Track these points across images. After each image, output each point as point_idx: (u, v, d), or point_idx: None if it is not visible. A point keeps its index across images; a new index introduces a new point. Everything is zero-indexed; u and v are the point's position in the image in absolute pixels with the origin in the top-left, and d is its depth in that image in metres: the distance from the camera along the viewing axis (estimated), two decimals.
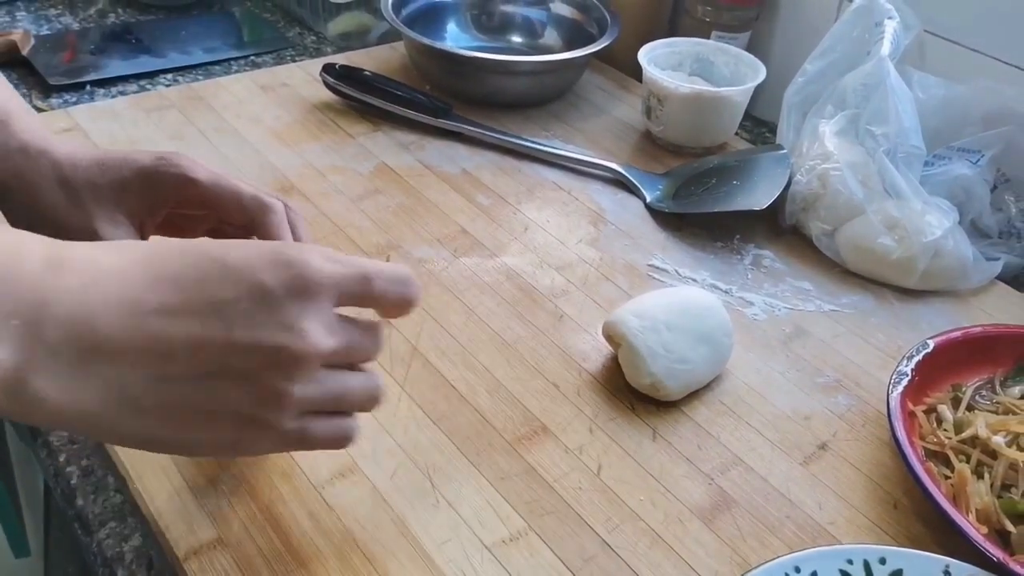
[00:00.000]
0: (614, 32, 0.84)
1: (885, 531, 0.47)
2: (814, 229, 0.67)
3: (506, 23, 0.94)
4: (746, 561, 0.45)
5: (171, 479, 0.45)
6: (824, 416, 0.54)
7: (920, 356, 0.53)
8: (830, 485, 0.49)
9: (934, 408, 0.52)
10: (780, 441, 0.52)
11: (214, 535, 0.43)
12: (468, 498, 0.46)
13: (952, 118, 0.70)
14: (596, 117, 0.83)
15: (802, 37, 0.83)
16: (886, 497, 0.49)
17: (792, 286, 0.64)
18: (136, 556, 0.45)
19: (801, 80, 0.73)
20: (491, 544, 0.44)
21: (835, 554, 0.42)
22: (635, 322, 0.53)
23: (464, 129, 0.77)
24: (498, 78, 0.82)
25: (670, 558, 0.44)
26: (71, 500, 0.47)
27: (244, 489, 0.45)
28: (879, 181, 0.65)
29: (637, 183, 0.73)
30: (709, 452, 0.51)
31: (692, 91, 0.75)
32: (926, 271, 0.63)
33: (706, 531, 0.46)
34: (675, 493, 0.48)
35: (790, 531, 0.47)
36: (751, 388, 0.55)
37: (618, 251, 0.66)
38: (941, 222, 0.63)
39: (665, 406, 0.53)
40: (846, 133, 0.68)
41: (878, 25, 0.70)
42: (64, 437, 0.50)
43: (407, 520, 0.45)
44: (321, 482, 0.46)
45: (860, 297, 0.64)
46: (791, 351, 0.58)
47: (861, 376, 0.57)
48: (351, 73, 0.79)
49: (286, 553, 0.43)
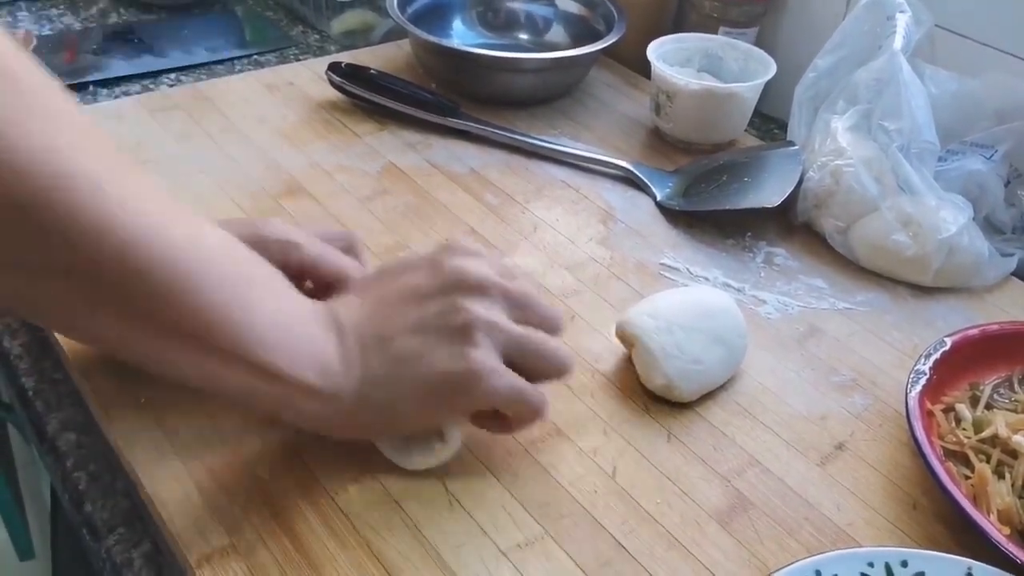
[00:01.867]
0: (621, 28, 0.83)
1: (905, 532, 0.47)
2: (827, 226, 0.66)
3: (512, 20, 0.93)
4: (764, 564, 0.44)
5: (182, 484, 0.45)
6: (841, 416, 0.53)
7: (938, 354, 0.53)
8: (848, 486, 0.49)
9: (952, 407, 0.52)
10: (796, 442, 0.51)
11: (227, 541, 0.42)
12: (483, 502, 0.46)
13: (965, 113, 0.69)
14: (604, 114, 0.83)
15: (812, 32, 0.83)
16: (905, 498, 0.48)
17: (805, 284, 0.64)
18: (145, 562, 0.44)
19: (812, 75, 0.72)
20: (507, 549, 0.43)
21: (856, 557, 0.42)
22: (649, 323, 0.52)
23: (471, 128, 0.77)
24: (505, 76, 0.81)
25: (688, 561, 0.44)
26: (79, 505, 0.47)
27: (256, 495, 0.45)
28: (893, 177, 0.64)
29: (647, 181, 0.73)
30: (725, 453, 0.50)
31: (702, 87, 0.74)
32: (941, 268, 0.62)
33: (723, 534, 0.45)
34: (691, 495, 0.47)
35: (808, 533, 0.46)
36: (766, 388, 0.54)
37: (629, 250, 0.65)
38: (956, 218, 0.62)
39: (679, 407, 0.52)
40: (858, 129, 0.68)
41: (889, 19, 0.69)
42: (71, 441, 0.50)
43: (421, 525, 0.44)
44: (334, 487, 0.45)
45: (874, 295, 0.63)
46: (806, 350, 0.58)
47: (877, 375, 0.56)
48: (357, 72, 0.78)
49: (300, 559, 0.42)
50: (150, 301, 0.35)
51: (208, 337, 0.37)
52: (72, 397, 0.52)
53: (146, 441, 0.47)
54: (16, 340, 0.56)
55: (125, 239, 0.34)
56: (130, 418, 0.48)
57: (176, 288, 0.36)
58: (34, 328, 0.56)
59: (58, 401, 0.52)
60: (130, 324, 0.36)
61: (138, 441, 0.47)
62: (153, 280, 0.35)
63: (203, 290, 0.36)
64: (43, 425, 0.51)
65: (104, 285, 0.35)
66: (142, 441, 0.47)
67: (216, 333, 0.37)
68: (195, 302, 0.36)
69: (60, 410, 0.51)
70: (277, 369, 0.39)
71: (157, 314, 0.36)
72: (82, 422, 0.51)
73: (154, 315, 0.36)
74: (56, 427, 0.50)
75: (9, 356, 0.55)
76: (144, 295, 0.35)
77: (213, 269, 0.37)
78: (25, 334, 0.56)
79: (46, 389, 0.53)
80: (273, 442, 0.47)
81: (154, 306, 0.36)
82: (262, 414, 0.47)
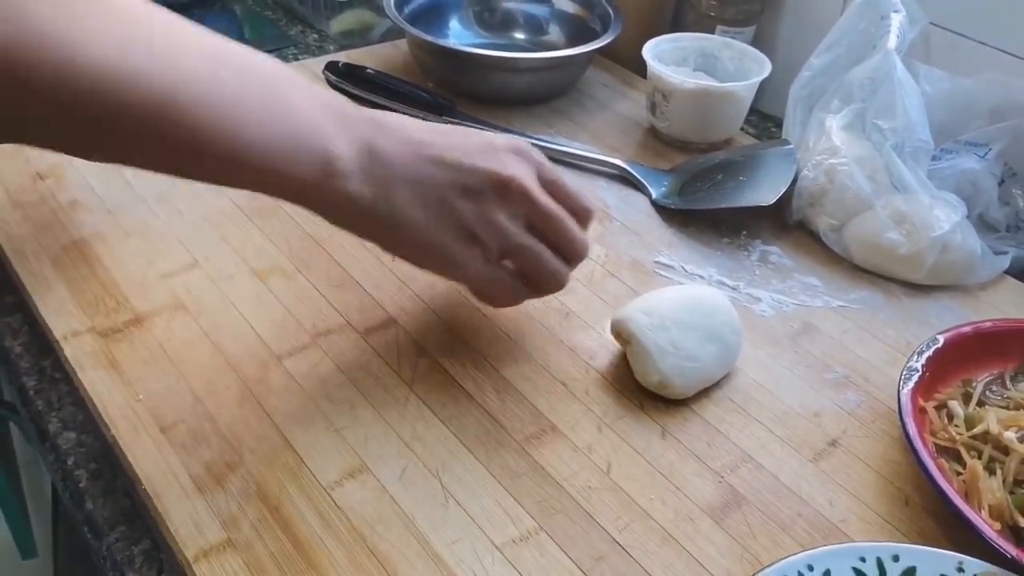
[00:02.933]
0: (617, 28, 0.84)
1: (897, 528, 0.47)
2: (821, 224, 0.67)
3: (509, 20, 0.93)
4: (757, 559, 0.44)
5: (180, 481, 0.45)
6: (834, 412, 0.53)
7: (930, 351, 0.53)
8: (841, 482, 0.49)
9: (945, 404, 0.52)
10: (790, 438, 0.51)
11: (224, 537, 0.43)
12: (478, 498, 0.46)
13: (959, 112, 0.69)
14: (600, 113, 0.83)
15: (807, 31, 0.83)
16: (897, 494, 0.49)
17: (800, 282, 0.64)
18: (146, 559, 0.44)
19: (807, 74, 0.73)
20: (501, 544, 0.44)
21: (848, 552, 0.42)
22: (644, 319, 0.52)
23: (468, 126, 0.77)
24: (501, 75, 0.81)
25: (681, 557, 0.44)
26: (80, 504, 0.47)
27: (253, 490, 0.45)
28: (886, 176, 0.65)
29: (642, 179, 0.73)
30: (719, 450, 0.50)
31: (697, 87, 0.75)
32: (934, 266, 0.63)
33: (717, 529, 0.46)
34: (685, 491, 0.48)
35: (801, 528, 0.46)
36: (760, 385, 0.55)
37: (624, 248, 0.66)
38: (949, 216, 0.63)
39: (674, 404, 0.53)
40: (853, 127, 0.68)
41: (884, 19, 0.69)
42: (72, 440, 0.50)
43: (417, 520, 0.45)
44: (330, 482, 0.46)
45: (868, 292, 0.64)
46: (800, 347, 0.58)
47: (870, 372, 0.56)
48: (354, 71, 0.79)
49: (296, 554, 0.42)
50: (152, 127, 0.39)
51: (204, 151, 0.40)
52: (72, 396, 0.53)
53: (144, 438, 0.47)
54: (16, 339, 0.56)
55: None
56: (129, 416, 0.48)
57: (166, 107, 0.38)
58: (35, 328, 0.57)
59: (58, 400, 0.53)
60: (135, 148, 0.40)
61: (136, 438, 0.47)
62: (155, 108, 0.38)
63: (195, 106, 0.39)
64: (44, 424, 0.51)
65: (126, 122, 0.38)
66: (140, 438, 0.47)
67: (209, 146, 0.40)
68: (186, 120, 0.39)
69: (60, 409, 0.52)
70: (275, 169, 0.42)
71: (159, 140, 0.39)
72: (82, 421, 0.51)
73: (161, 140, 0.39)
74: (57, 426, 0.51)
75: (10, 355, 0.55)
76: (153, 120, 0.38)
77: (212, 87, 0.40)
78: (26, 334, 0.57)
79: (46, 388, 0.53)
80: (270, 439, 0.48)
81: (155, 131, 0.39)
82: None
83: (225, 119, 0.40)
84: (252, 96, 0.41)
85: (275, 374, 0.52)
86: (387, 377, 0.53)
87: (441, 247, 0.48)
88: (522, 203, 0.49)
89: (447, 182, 0.47)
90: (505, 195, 0.48)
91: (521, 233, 0.49)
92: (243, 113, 0.41)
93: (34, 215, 0.63)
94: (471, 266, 0.49)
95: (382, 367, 0.53)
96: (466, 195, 0.47)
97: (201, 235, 0.62)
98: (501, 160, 0.48)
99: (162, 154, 0.41)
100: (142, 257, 0.60)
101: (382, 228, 0.47)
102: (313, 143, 0.43)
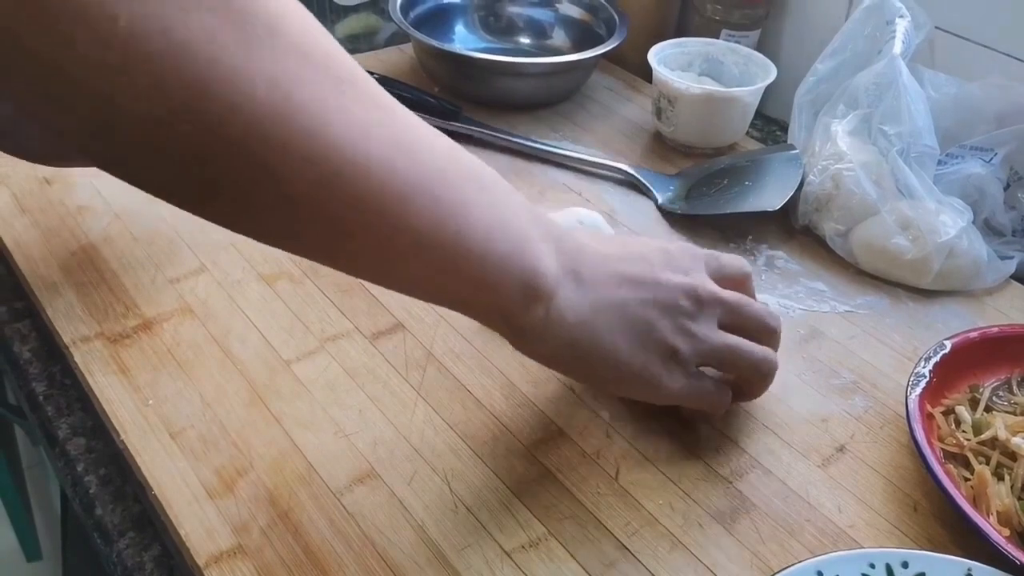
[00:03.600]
0: (623, 33, 0.84)
1: (905, 534, 0.47)
2: (827, 229, 0.67)
3: (514, 24, 0.94)
4: (767, 565, 0.45)
5: (190, 487, 0.45)
6: (841, 418, 0.54)
7: (937, 357, 0.53)
8: (849, 488, 0.49)
9: (952, 410, 0.52)
10: (798, 444, 0.52)
11: (234, 543, 0.43)
12: (487, 503, 0.46)
13: (964, 116, 0.69)
14: (606, 118, 0.83)
15: (812, 36, 0.83)
16: (905, 500, 0.49)
17: (806, 287, 0.64)
18: (156, 565, 0.45)
19: (812, 79, 0.73)
20: (511, 550, 0.44)
21: (857, 558, 0.42)
22: None
23: (474, 131, 0.77)
24: (507, 80, 0.81)
25: (690, 563, 0.44)
26: (90, 510, 0.47)
27: (263, 496, 0.45)
28: (892, 181, 0.65)
29: (648, 184, 0.73)
30: (727, 455, 0.50)
31: (703, 92, 0.75)
32: (941, 271, 0.63)
33: (726, 535, 0.46)
34: (693, 497, 0.48)
35: (810, 534, 0.46)
36: (768, 391, 0.55)
37: None
38: (955, 221, 0.63)
39: (682, 409, 0.53)
40: (858, 133, 0.68)
41: (889, 23, 0.69)
42: (81, 445, 0.50)
43: (426, 526, 0.45)
44: (340, 488, 0.46)
45: (875, 298, 0.64)
46: (807, 353, 0.58)
47: (878, 377, 0.56)
48: None
49: (306, 560, 0.43)
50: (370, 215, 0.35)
51: (417, 252, 0.38)
52: (81, 402, 0.53)
53: (154, 444, 0.47)
54: (26, 345, 0.56)
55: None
56: (138, 421, 0.49)
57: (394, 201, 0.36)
58: (44, 333, 0.57)
59: (68, 406, 0.53)
60: (345, 241, 0.36)
61: (146, 444, 0.47)
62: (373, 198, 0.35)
63: (426, 206, 0.37)
64: (53, 430, 0.51)
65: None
66: (150, 444, 0.47)
67: (425, 250, 0.38)
68: (411, 219, 0.36)
69: (70, 415, 0.52)
70: (483, 279, 0.40)
71: (375, 229, 0.36)
72: (91, 427, 0.51)
73: (372, 229, 0.36)
74: (66, 432, 0.51)
75: (19, 361, 0.56)
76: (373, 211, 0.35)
77: (447, 190, 0.38)
78: (35, 339, 0.57)
79: (56, 394, 0.53)
80: (279, 444, 0.48)
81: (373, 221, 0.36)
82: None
83: (448, 222, 0.37)
84: (479, 204, 0.39)
85: (283, 379, 0.52)
86: (395, 382, 0.53)
87: (642, 369, 0.45)
88: (712, 306, 0.47)
89: (643, 301, 0.45)
90: (697, 303, 0.47)
91: (718, 335, 0.47)
92: (466, 219, 0.38)
93: (42, 220, 0.63)
94: (675, 384, 0.47)
95: (390, 372, 0.53)
96: (662, 312, 0.45)
97: (209, 240, 0.62)
98: (684, 268, 0.47)
99: (367, 251, 0.37)
100: (150, 262, 0.60)
101: (579, 355, 0.44)
102: (524, 259, 0.41)
